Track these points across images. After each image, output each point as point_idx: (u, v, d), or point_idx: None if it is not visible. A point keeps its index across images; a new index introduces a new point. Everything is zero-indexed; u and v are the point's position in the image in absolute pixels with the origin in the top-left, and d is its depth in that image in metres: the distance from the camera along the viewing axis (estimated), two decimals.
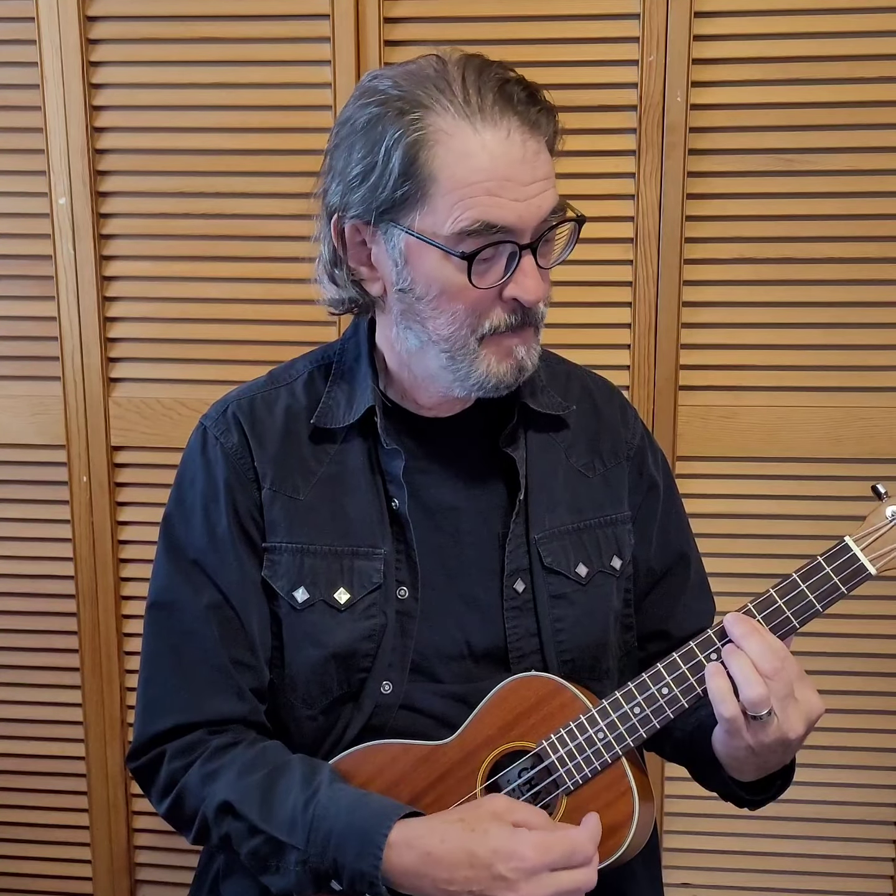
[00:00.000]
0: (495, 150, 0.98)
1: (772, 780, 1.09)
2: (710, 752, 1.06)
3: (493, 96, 0.99)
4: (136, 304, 1.79)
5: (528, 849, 0.96)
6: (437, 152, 0.99)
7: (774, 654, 0.98)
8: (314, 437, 1.14)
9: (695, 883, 1.86)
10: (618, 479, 1.20)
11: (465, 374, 1.06)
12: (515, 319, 1.04)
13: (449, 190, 0.99)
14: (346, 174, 1.03)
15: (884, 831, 1.82)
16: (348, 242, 1.07)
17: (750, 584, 1.64)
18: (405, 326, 1.07)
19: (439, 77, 1.01)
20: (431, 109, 0.99)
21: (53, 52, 1.71)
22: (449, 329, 1.04)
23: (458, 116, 0.99)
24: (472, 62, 1.02)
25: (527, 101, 1.01)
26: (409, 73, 1.02)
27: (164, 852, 1.95)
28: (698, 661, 1.03)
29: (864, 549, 1.01)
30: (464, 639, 1.13)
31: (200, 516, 1.13)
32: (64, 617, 1.88)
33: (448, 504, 1.14)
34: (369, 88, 1.03)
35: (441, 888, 0.98)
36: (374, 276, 1.08)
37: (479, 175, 0.98)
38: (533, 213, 1.00)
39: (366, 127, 1.01)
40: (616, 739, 1.03)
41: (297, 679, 1.12)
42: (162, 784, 1.11)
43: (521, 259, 1.01)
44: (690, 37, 1.61)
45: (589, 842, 0.99)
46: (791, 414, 1.71)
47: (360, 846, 0.99)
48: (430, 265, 1.02)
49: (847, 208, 1.65)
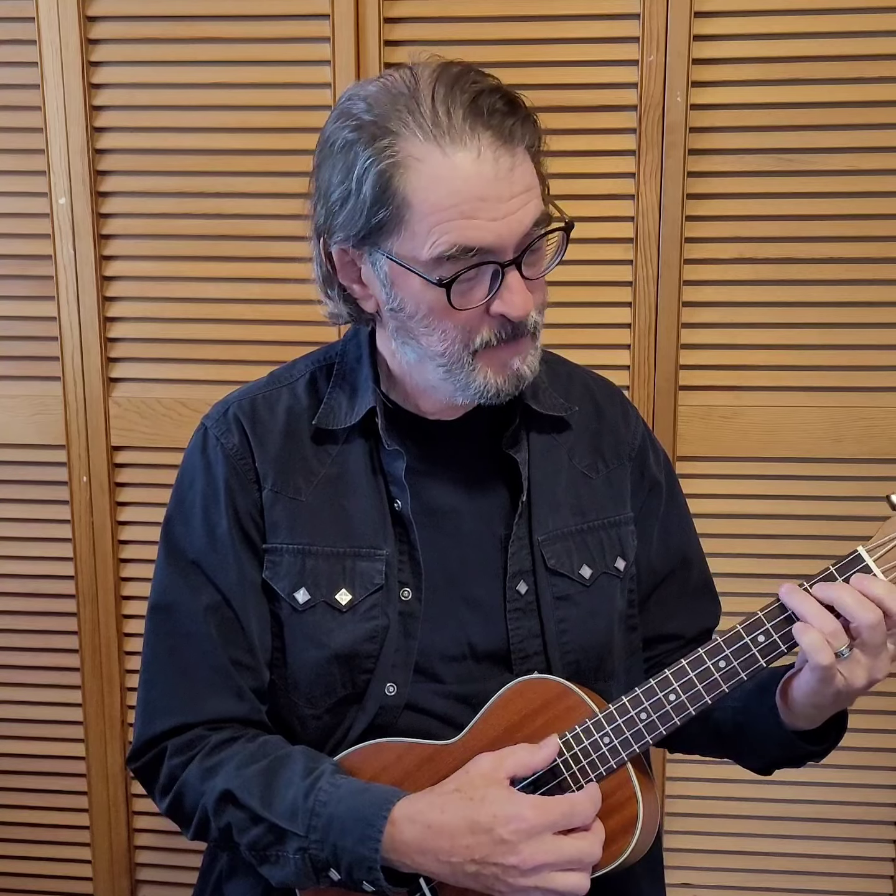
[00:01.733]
0: (467, 171, 0.97)
1: (828, 728, 1.09)
2: (762, 714, 1.08)
3: (464, 112, 0.98)
4: (136, 304, 1.79)
5: (526, 809, 0.97)
6: (409, 178, 0.98)
7: (868, 604, 0.98)
8: (316, 438, 1.14)
9: (695, 883, 1.86)
10: (620, 480, 1.20)
11: (464, 384, 1.06)
12: (506, 333, 1.04)
13: (424, 215, 0.98)
14: (328, 198, 1.03)
15: (884, 831, 1.82)
16: (337, 263, 1.07)
17: (750, 583, 1.65)
18: (402, 342, 1.07)
19: (410, 97, 0.99)
20: (400, 135, 0.98)
21: (53, 52, 1.71)
22: (442, 345, 1.04)
23: (427, 140, 0.98)
24: (446, 74, 1.00)
25: (501, 113, 0.99)
26: (383, 93, 1.01)
27: (164, 852, 1.95)
28: (706, 667, 1.03)
29: (877, 559, 1.00)
30: (466, 640, 1.13)
31: (200, 517, 1.13)
32: (64, 617, 1.88)
33: (450, 506, 1.14)
34: (344, 111, 1.03)
35: (443, 860, 0.98)
36: (367, 294, 1.08)
37: (453, 198, 0.98)
38: (514, 230, 0.99)
39: (341, 151, 1.01)
40: (622, 745, 1.03)
41: (299, 680, 1.12)
42: (162, 782, 1.12)
43: (506, 276, 1.01)
44: (690, 37, 1.61)
45: (589, 803, 1.00)
46: (791, 414, 1.71)
47: (361, 830, 0.99)
48: (414, 289, 1.02)
49: (847, 208, 1.65)
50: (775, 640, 1.02)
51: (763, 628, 1.02)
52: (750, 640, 1.02)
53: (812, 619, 0.98)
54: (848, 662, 0.99)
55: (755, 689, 1.11)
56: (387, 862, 1.00)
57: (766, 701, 1.08)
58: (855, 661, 0.99)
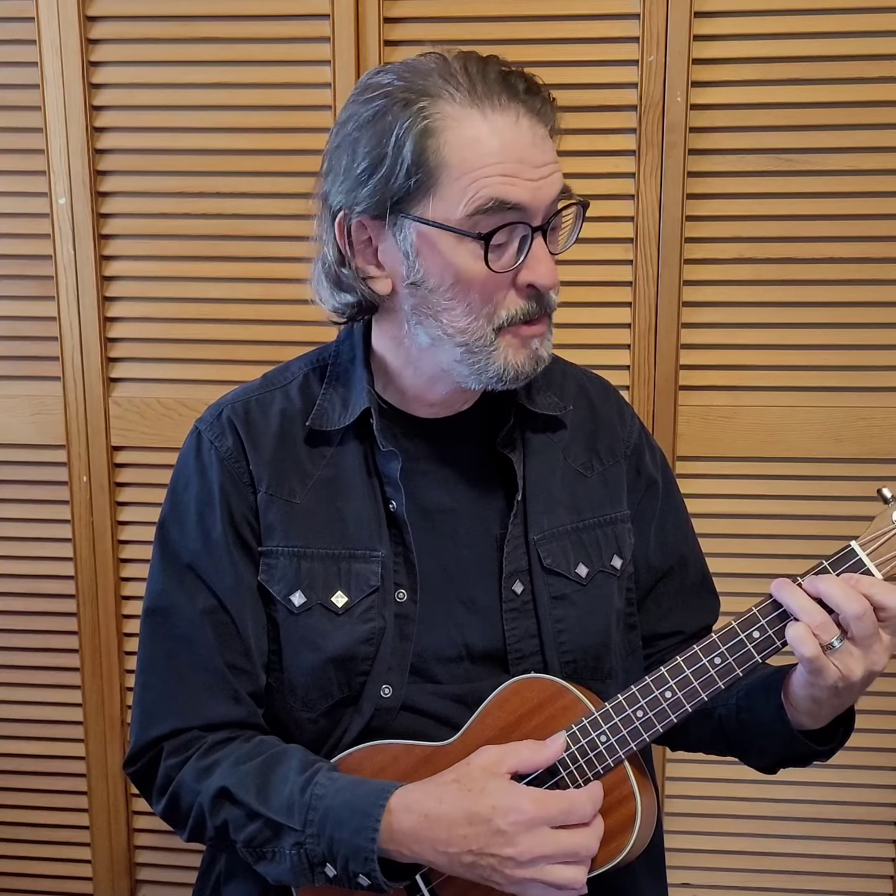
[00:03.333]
0: (506, 134, 0.99)
1: (835, 729, 1.09)
2: (768, 713, 1.07)
3: (499, 86, 1.00)
4: (136, 304, 1.79)
5: (526, 802, 0.97)
6: (447, 139, 0.99)
7: (856, 596, 0.98)
8: (310, 440, 1.14)
9: (695, 883, 1.86)
10: (616, 478, 1.20)
11: (482, 366, 1.05)
12: (531, 308, 1.04)
13: (462, 174, 0.99)
14: (352, 170, 1.03)
15: (884, 831, 1.82)
16: (354, 241, 1.07)
17: (750, 583, 1.64)
18: (416, 322, 1.07)
19: (442, 69, 1.01)
20: (439, 97, 0.99)
21: (53, 52, 1.71)
22: (465, 320, 1.03)
23: (466, 103, 0.99)
24: (473, 56, 1.03)
25: (530, 92, 1.01)
26: (411, 68, 1.02)
27: (164, 852, 1.95)
28: (702, 664, 1.03)
29: (870, 553, 1.01)
30: (462, 641, 1.13)
31: (195, 521, 1.13)
32: (64, 617, 1.88)
33: (445, 506, 1.14)
34: (371, 84, 1.03)
35: (440, 850, 0.98)
36: (382, 274, 1.07)
37: (492, 158, 0.99)
38: (545, 194, 1.01)
39: (371, 120, 1.01)
40: (619, 743, 1.03)
41: (296, 683, 1.12)
42: (159, 783, 1.11)
43: (533, 243, 1.02)
44: (690, 37, 1.61)
45: (588, 801, 0.99)
46: (791, 414, 1.71)
47: (358, 821, 0.99)
48: (444, 253, 1.01)
49: (847, 208, 1.65)
50: (770, 635, 1.02)
51: (758, 624, 1.02)
52: (745, 637, 1.02)
53: (799, 613, 0.99)
54: (841, 654, 0.98)
55: (761, 688, 1.11)
56: (383, 853, 1.00)
57: (773, 701, 1.08)
58: (847, 652, 0.99)
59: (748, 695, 1.13)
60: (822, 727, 1.08)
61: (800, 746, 1.09)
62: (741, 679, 1.03)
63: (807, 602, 0.99)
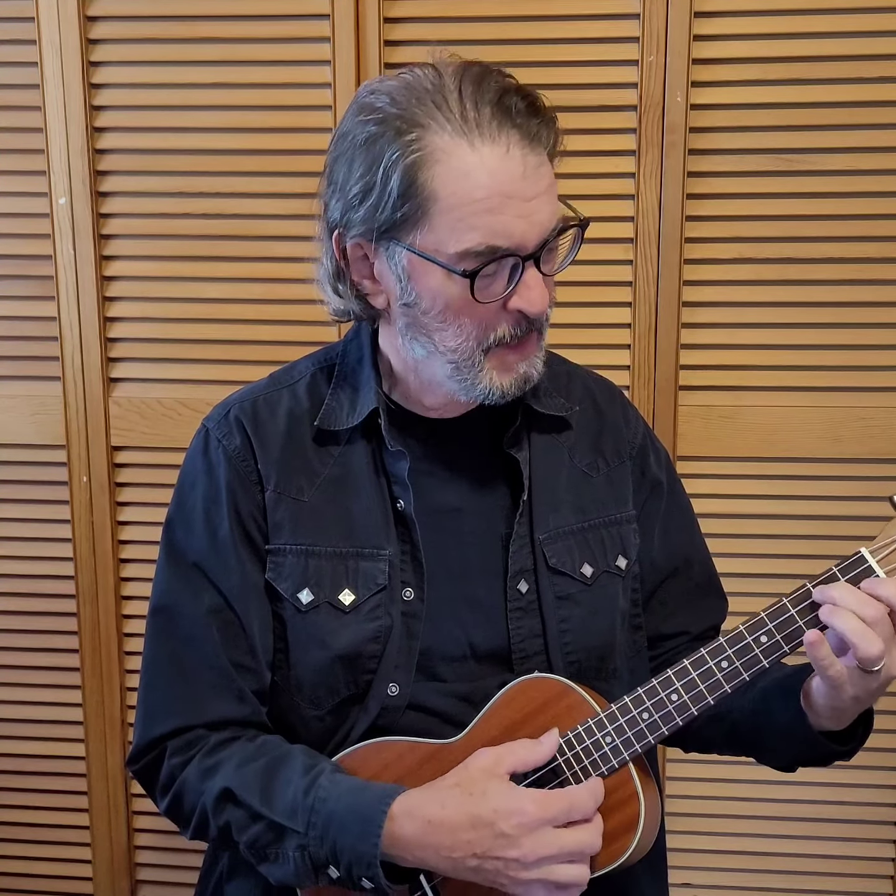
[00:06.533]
0: (495, 167, 0.98)
1: (854, 728, 1.09)
2: (786, 716, 1.07)
3: (491, 110, 0.98)
4: (136, 304, 1.79)
5: (527, 803, 0.97)
6: (436, 172, 0.98)
7: (870, 601, 0.98)
8: (318, 439, 1.14)
9: (695, 883, 1.86)
10: (621, 479, 1.20)
11: (470, 385, 1.06)
12: (521, 329, 1.04)
13: (450, 208, 0.98)
14: (347, 192, 1.03)
15: (884, 831, 1.82)
16: (350, 258, 1.07)
17: (750, 583, 1.65)
18: (411, 338, 1.07)
19: (436, 91, 1.00)
20: (428, 128, 0.98)
21: (53, 52, 1.71)
22: (455, 341, 1.04)
23: (456, 134, 0.98)
24: (470, 72, 1.01)
25: (526, 113, 1.00)
26: (406, 88, 1.01)
27: (164, 852, 1.95)
28: (709, 667, 1.03)
29: (880, 560, 1.00)
30: (466, 640, 1.13)
31: (202, 519, 1.13)
32: (64, 617, 1.88)
33: (451, 505, 1.14)
34: (366, 105, 1.03)
35: (444, 856, 0.99)
36: (378, 290, 1.08)
37: (480, 192, 0.98)
38: (536, 229, 1.00)
39: (364, 145, 1.01)
40: (624, 744, 1.03)
41: (303, 680, 1.12)
42: (162, 781, 1.11)
43: (525, 271, 1.01)
44: (690, 37, 1.61)
45: (589, 798, 1.00)
46: (791, 414, 1.71)
47: (361, 826, 0.99)
48: (434, 282, 1.02)
49: (847, 208, 1.66)
50: (778, 640, 1.02)
51: (766, 629, 1.02)
52: (752, 641, 1.02)
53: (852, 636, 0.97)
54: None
55: (778, 690, 1.10)
56: (387, 858, 1.00)
57: (792, 705, 1.07)
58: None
59: (765, 698, 1.13)
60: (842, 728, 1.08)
61: (821, 748, 1.09)
62: (748, 683, 1.03)
63: (866, 630, 0.97)
